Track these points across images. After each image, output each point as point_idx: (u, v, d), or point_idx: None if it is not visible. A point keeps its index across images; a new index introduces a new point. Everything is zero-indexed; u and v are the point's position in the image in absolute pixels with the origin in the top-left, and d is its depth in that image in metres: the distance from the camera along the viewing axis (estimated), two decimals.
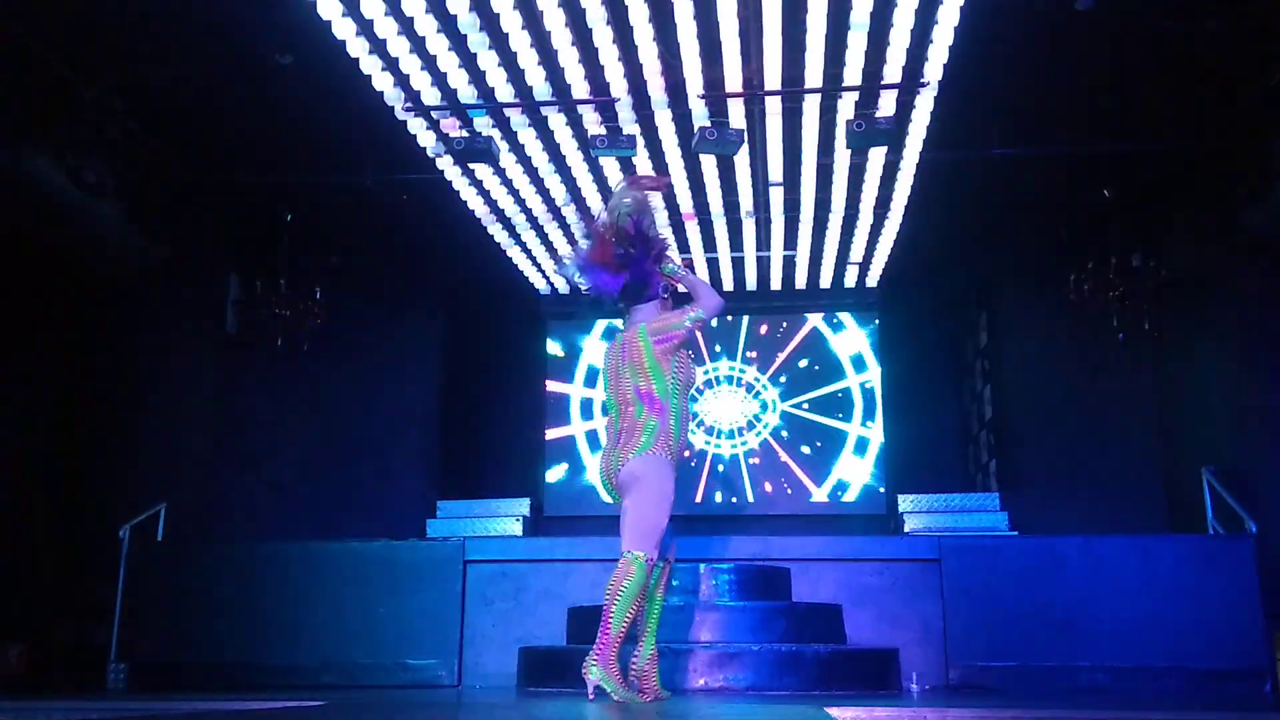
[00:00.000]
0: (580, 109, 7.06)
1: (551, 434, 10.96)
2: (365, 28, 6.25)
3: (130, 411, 8.33)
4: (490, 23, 6.19)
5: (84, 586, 7.58)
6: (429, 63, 6.58)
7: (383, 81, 6.76)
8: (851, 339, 10.89)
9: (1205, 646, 6.21)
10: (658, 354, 4.37)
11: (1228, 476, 7.25)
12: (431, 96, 6.91)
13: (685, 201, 8.58)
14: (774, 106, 7.02)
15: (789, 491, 10.63)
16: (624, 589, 4.24)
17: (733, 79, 6.69)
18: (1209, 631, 6.24)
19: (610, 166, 7.93)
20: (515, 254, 9.76)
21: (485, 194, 8.44)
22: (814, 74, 6.65)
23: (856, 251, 9.66)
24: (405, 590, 6.76)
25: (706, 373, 10.90)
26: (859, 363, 10.84)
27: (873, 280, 10.40)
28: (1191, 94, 7.17)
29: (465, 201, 8.54)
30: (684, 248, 9.56)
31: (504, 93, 6.88)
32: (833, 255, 9.74)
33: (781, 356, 10.91)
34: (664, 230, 9.06)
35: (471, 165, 7.74)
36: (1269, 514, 6.91)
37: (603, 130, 7.16)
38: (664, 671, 5.36)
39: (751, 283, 10.47)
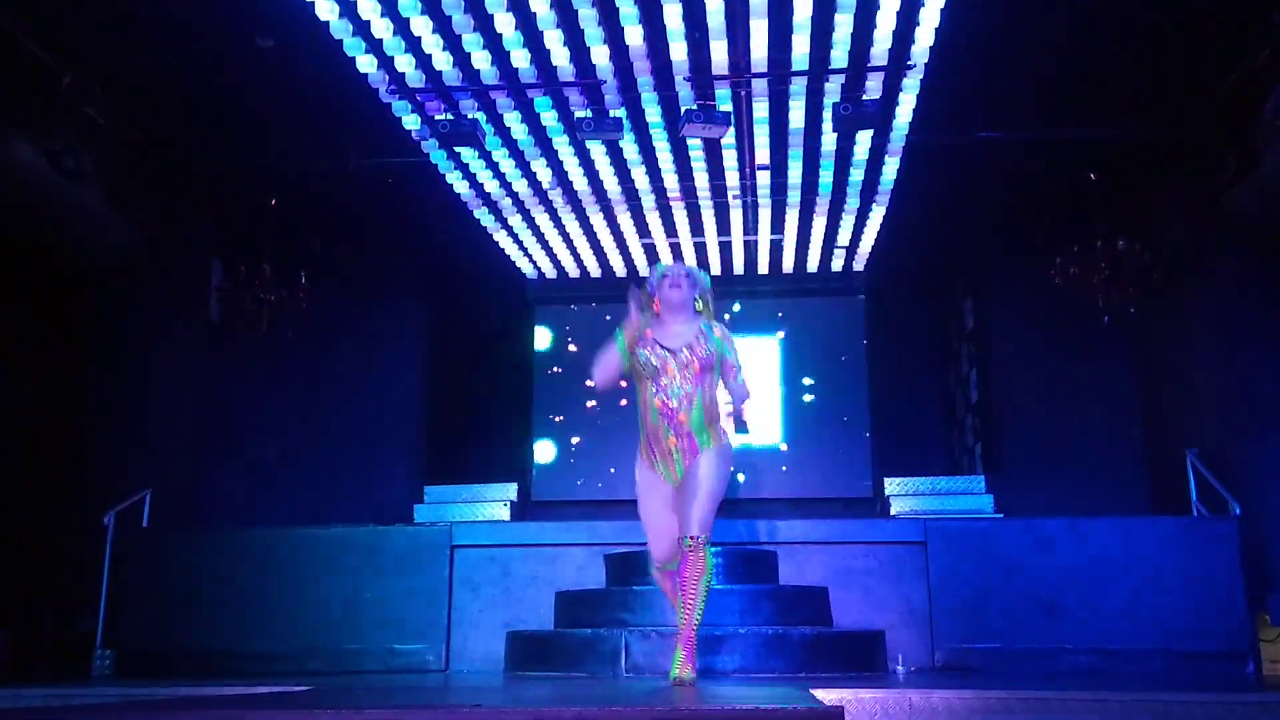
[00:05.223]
0: (566, 91, 7.02)
1: (539, 418, 10.93)
2: (348, 9, 6.19)
3: (114, 398, 8.27)
4: (474, 4, 6.14)
5: (69, 573, 7.54)
6: (413, 45, 6.52)
7: (366, 64, 6.71)
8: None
9: (1188, 628, 6.26)
10: None
11: (1211, 459, 7.30)
12: (416, 79, 6.85)
13: (672, 184, 8.55)
14: (761, 89, 7.00)
15: (775, 474, 10.64)
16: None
17: (719, 62, 6.66)
18: (1192, 613, 6.28)
19: (597, 149, 7.90)
20: (501, 238, 9.72)
21: (471, 177, 8.40)
22: (801, 57, 6.63)
23: (843, 235, 9.66)
24: (392, 575, 6.75)
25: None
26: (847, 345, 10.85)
27: (859, 264, 10.41)
28: (1175, 78, 7.18)
29: (451, 185, 8.49)
30: (671, 231, 9.54)
31: (489, 75, 6.83)
32: (820, 239, 9.74)
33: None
34: (651, 213, 9.10)
35: (457, 148, 7.69)
36: (1252, 496, 6.96)
37: (589, 113, 7.12)
38: (651, 654, 5.41)
39: (739, 266, 10.46)
